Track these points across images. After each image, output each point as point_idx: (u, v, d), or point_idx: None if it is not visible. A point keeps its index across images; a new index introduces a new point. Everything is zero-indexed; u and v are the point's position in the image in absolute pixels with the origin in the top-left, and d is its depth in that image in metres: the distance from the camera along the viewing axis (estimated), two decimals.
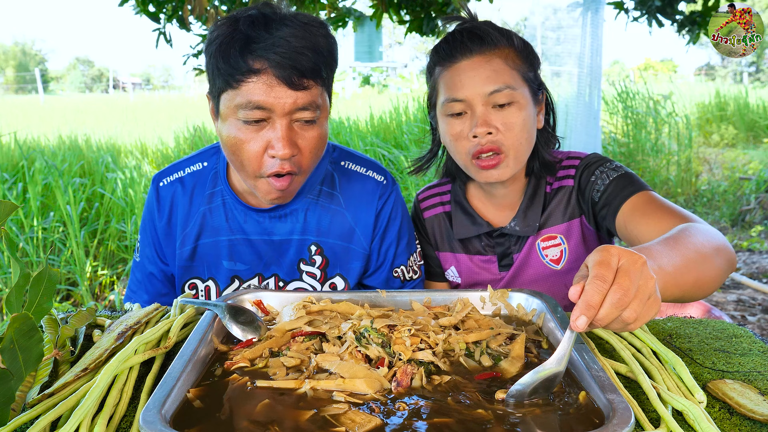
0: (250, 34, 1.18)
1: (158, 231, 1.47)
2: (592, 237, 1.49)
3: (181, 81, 58.64)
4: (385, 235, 1.48)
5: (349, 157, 1.51)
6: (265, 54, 1.17)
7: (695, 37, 3.50)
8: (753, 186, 6.54)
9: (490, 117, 1.35)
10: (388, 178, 1.50)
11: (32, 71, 52.67)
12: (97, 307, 1.29)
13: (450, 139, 1.41)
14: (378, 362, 0.92)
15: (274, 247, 1.44)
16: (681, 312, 2.67)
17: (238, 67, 1.18)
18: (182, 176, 1.47)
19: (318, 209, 1.45)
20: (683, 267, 0.98)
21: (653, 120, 7.49)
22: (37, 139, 8.28)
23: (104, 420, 0.80)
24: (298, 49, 1.18)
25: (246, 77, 1.18)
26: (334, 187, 1.47)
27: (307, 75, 1.20)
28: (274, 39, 1.17)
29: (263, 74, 1.18)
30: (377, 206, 1.47)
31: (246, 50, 1.18)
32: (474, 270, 1.56)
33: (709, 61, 41.83)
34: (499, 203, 1.53)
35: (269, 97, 1.18)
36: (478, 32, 1.38)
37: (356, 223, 1.46)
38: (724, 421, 0.84)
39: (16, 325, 0.71)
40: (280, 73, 1.17)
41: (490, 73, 1.35)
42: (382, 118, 9.28)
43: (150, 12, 3.18)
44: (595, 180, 1.42)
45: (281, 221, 1.43)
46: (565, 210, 1.48)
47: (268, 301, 1.17)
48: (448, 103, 1.39)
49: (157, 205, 1.47)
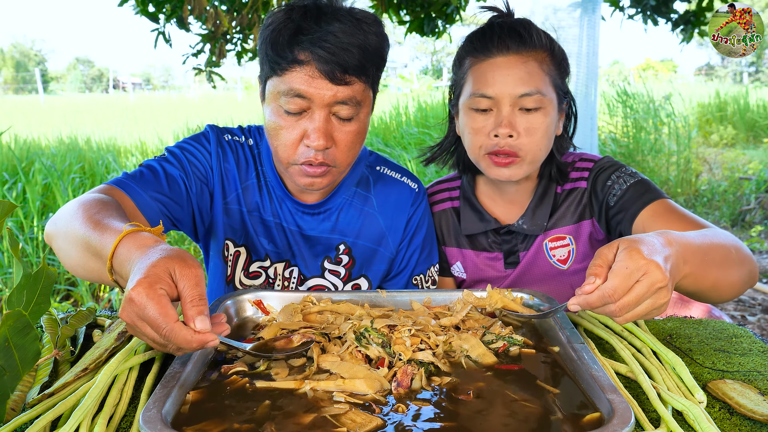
0: (301, 25, 1.20)
1: (214, 168, 1.41)
2: (602, 239, 1.49)
3: (181, 81, 58.66)
4: (411, 241, 1.50)
5: (385, 163, 1.54)
6: (311, 47, 1.19)
7: (689, 36, 3.51)
8: (753, 186, 6.54)
9: (515, 119, 1.34)
10: (420, 186, 1.53)
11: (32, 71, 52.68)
12: (97, 307, 1.28)
13: (469, 132, 1.40)
14: (378, 362, 0.92)
15: (304, 239, 1.45)
16: (681, 312, 2.68)
17: (284, 56, 1.21)
18: (242, 142, 1.47)
19: (351, 210, 1.47)
20: (707, 264, 1.03)
21: (653, 120, 7.49)
22: (37, 139, 8.28)
23: (104, 420, 0.80)
24: (344, 45, 1.19)
25: (290, 66, 1.21)
26: (369, 190, 1.49)
27: (350, 71, 1.21)
28: (322, 32, 1.19)
29: (306, 65, 1.20)
30: (409, 212, 1.49)
31: (293, 41, 1.20)
32: (480, 266, 1.55)
33: (709, 61, 41.85)
34: (508, 201, 1.53)
35: (310, 87, 1.20)
36: (520, 30, 1.36)
37: (388, 227, 1.48)
38: (724, 421, 0.84)
39: (10, 323, 0.71)
40: (322, 66, 1.19)
41: (523, 74, 1.33)
42: (382, 118, 9.28)
43: (149, 12, 3.18)
44: (612, 185, 1.42)
45: (314, 218, 1.45)
46: (575, 211, 1.48)
47: (268, 301, 1.17)
48: (475, 98, 1.37)
49: (221, 150, 1.43)
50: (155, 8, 3.18)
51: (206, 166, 1.41)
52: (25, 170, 5.57)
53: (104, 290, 4.39)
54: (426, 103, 9.92)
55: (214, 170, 1.42)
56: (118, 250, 0.95)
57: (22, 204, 5.06)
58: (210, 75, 3.47)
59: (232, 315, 1.13)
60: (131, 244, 0.95)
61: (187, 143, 1.43)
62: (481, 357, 0.95)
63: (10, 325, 0.72)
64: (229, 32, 3.34)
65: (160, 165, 1.35)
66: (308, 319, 1.09)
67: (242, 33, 3.39)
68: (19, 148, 6.68)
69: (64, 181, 5.38)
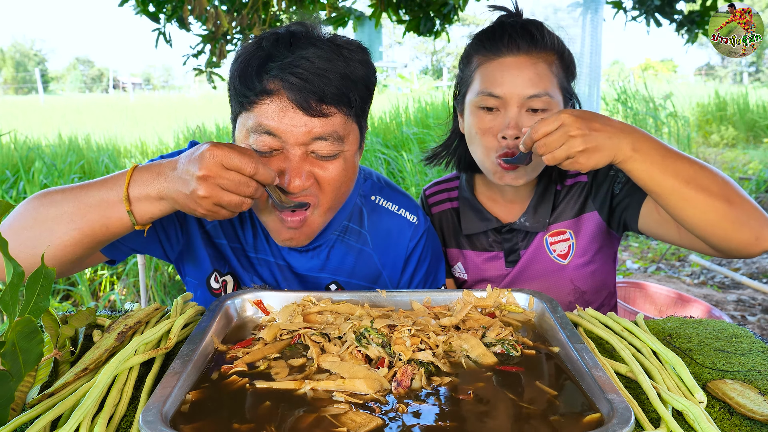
0: (271, 52, 1.06)
1: None
2: (602, 232, 1.49)
3: (181, 81, 58.68)
4: (414, 277, 1.39)
5: (381, 191, 1.39)
6: (280, 74, 1.04)
7: (694, 37, 3.50)
8: (753, 186, 6.55)
9: (522, 121, 1.33)
10: (420, 217, 1.39)
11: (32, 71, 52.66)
12: (98, 307, 1.28)
13: (476, 132, 1.39)
14: (378, 362, 0.92)
15: (294, 275, 1.36)
16: (681, 312, 2.68)
17: (251, 86, 1.06)
18: None
19: (343, 247, 1.34)
20: (667, 168, 1.11)
21: (653, 120, 7.49)
22: (37, 139, 8.28)
23: (104, 420, 0.79)
24: (320, 70, 1.04)
25: (259, 98, 1.06)
26: (362, 225, 1.35)
27: (328, 100, 1.06)
28: (293, 58, 1.05)
29: (276, 96, 1.05)
30: (408, 249, 1.37)
31: (261, 69, 1.06)
32: (481, 266, 1.56)
33: (709, 61, 41.85)
34: (509, 200, 1.53)
35: (281, 123, 1.05)
36: (532, 30, 1.35)
37: (383, 265, 1.36)
38: (724, 421, 0.84)
39: (19, 329, 0.72)
40: (294, 96, 1.04)
41: (533, 75, 1.32)
42: (382, 118, 9.28)
43: (150, 12, 3.18)
44: (615, 173, 1.43)
45: (302, 255, 1.33)
46: (575, 205, 1.48)
47: (268, 301, 1.17)
48: (483, 96, 1.36)
49: None
50: (156, 8, 3.19)
51: None
52: (25, 170, 5.57)
53: (104, 290, 4.39)
54: (426, 103, 9.92)
55: None
56: (135, 177, 1.02)
57: None
58: (210, 75, 3.47)
59: (232, 315, 1.12)
60: (147, 168, 1.04)
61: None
62: (481, 357, 0.95)
63: (18, 331, 0.72)
64: (229, 32, 3.34)
65: None
66: (308, 319, 1.09)
67: (242, 33, 3.39)
68: (19, 148, 6.68)
69: (65, 181, 5.38)
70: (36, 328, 0.74)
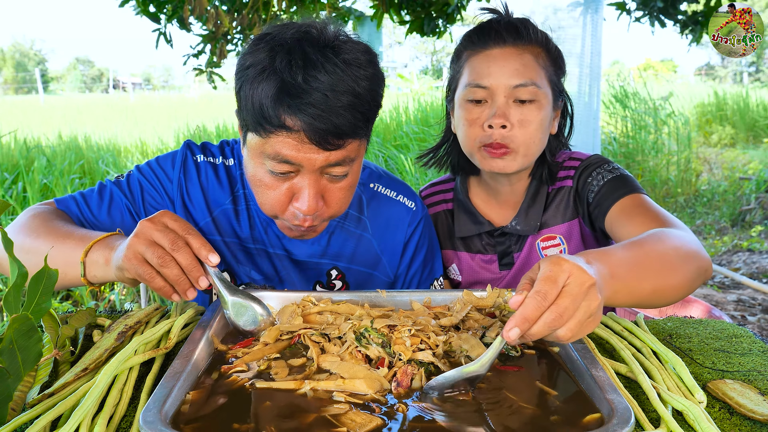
0: (285, 80, 1.05)
1: (174, 196, 1.34)
2: (590, 238, 1.49)
3: (182, 81, 58.69)
4: (412, 263, 1.42)
5: (379, 179, 1.43)
6: (298, 113, 1.05)
7: (698, 37, 3.50)
8: (753, 186, 6.55)
9: (509, 111, 1.34)
10: (417, 204, 1.43)
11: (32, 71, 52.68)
12: (98, 307, 1.28)
13: (463, 124, 1.40)
14: (378, 362, 0.92)
15: (293, 264, 1.38)
16: (681, 312, 2.67)
17: (268, 118, 1.06)
18: (217, 163, 1.37)
19: (343, 233, 1.37)
20: (641, 274, 0.96)
21: (653, 120, 7.50)
22: (37, 139, 8.29)
23: (104, 420, 0.79)
24: (335, 109, 1.05)
25: (277, 130, 1.07)
26: (361, 211, 1.39)
27: (344, 135, 1.09)
28: (310, 93, 1.04)
29: (294, 132, 1.07)
30: (406, 234, 1.40)
31: (278, 102, 1.05)
32: (475, 268, 1.56)
33: (709, 61, 41.86)
34: (501, 202, 1.53)
35: (299, 153, 1.08)
36: (517, 24, 1.37)
37: (383, 250, 1.39)
38: (724, 421, 0.84)
39: (16, 326, 0.72)
40: (312, 135, 1.06)
41: (519, 66, 1.34)
42: (382, 118, 9.28)
43: (150, 12, 3.19)
44: (591, 181, 1.42)
45: (303, 242, 1.36)
46: (564, 211, 1.48)
47: (268, 301, 1.17)
48: (470, 88, 1.37)
49: (184, 176, 1.34)
50: (156, 8, 3.19)
51: (162, 194, 1.34)
52: (25, 170, 5.58)
53: (104, 290, 4.39)
54: (426, 103, 9.92)
55: (175, 199, 1.34)
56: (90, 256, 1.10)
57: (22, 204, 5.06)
58: (210, 75, 3.47)
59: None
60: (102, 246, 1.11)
61: (152, 167, 1.36)
62: None
63: (15, 328, 0.72)
64: (229, 32, 3.35)
65: (110, 190, 1.34)
66: (308, 319, 1.09)
67: (243, 33, 3.39)
68: (19, 148, 6.68)
69: (64, 181, 5.38)
70: (34, 326, 0.74)
